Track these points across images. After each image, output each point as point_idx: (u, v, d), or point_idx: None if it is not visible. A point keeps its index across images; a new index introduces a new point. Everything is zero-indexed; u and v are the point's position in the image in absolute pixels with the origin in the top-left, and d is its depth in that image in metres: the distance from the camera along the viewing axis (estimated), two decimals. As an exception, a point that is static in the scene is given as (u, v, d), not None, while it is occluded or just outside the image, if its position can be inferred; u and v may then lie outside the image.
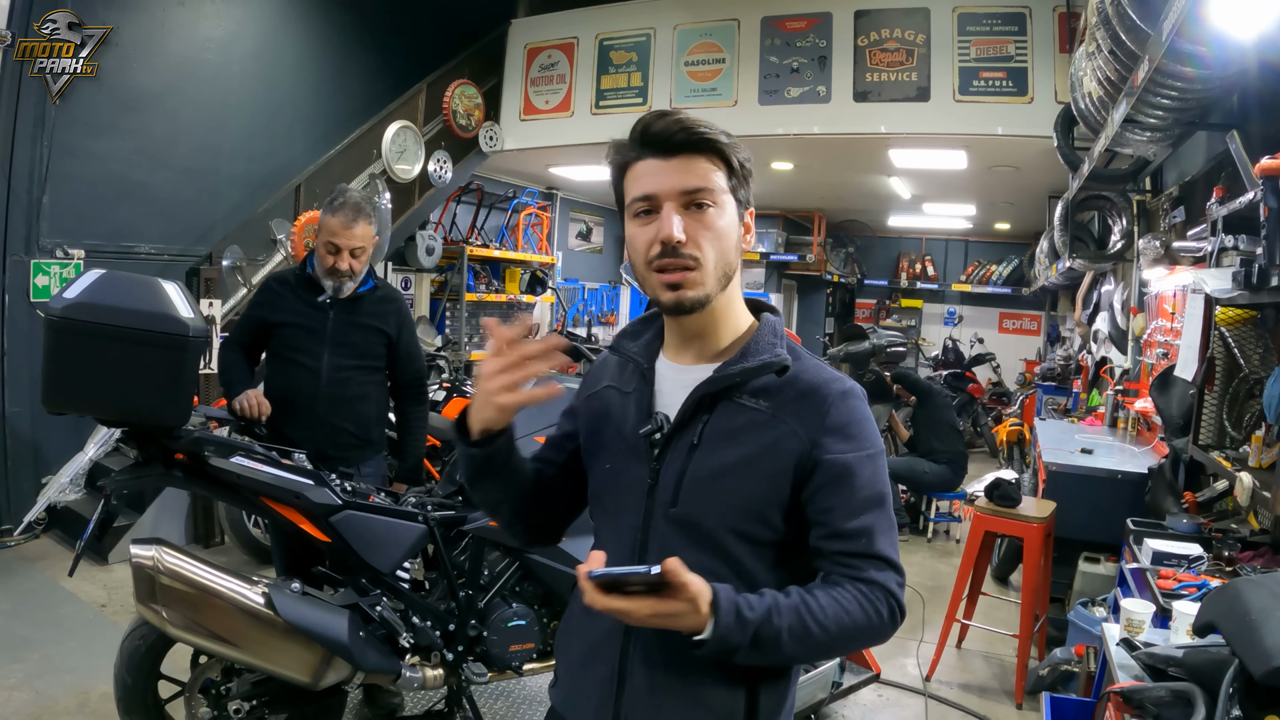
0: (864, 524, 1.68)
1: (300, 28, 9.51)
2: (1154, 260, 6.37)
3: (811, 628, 1.58)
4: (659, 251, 1.68)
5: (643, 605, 1.49)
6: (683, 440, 1.75)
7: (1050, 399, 11.16)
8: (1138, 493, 5.45)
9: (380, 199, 8.41)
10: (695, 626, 1.52)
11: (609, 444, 1.88)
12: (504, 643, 3.77)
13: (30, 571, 6.44)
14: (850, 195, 13.18)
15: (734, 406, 1.73)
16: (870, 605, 1.64)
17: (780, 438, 1.70)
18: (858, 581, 1.66)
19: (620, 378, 1.93)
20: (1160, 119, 4.69)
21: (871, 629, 1.65)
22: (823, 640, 1.61)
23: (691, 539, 1.72)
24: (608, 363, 2.01)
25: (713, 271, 1.70)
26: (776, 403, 1.72)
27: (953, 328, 17.05)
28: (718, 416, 1.74)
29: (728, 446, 1.71)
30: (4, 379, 7.11)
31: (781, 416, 1.71)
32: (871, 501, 1.70)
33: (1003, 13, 7.83)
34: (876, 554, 1.68)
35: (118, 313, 3.07)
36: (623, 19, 9.65)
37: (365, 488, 3.88)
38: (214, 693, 3.56)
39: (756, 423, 1.71)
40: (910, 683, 5.44)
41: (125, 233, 7.89)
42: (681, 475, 1.74)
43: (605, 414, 1.91)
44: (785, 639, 1.57)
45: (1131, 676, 2.97)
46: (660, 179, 1.68)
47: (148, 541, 3.28)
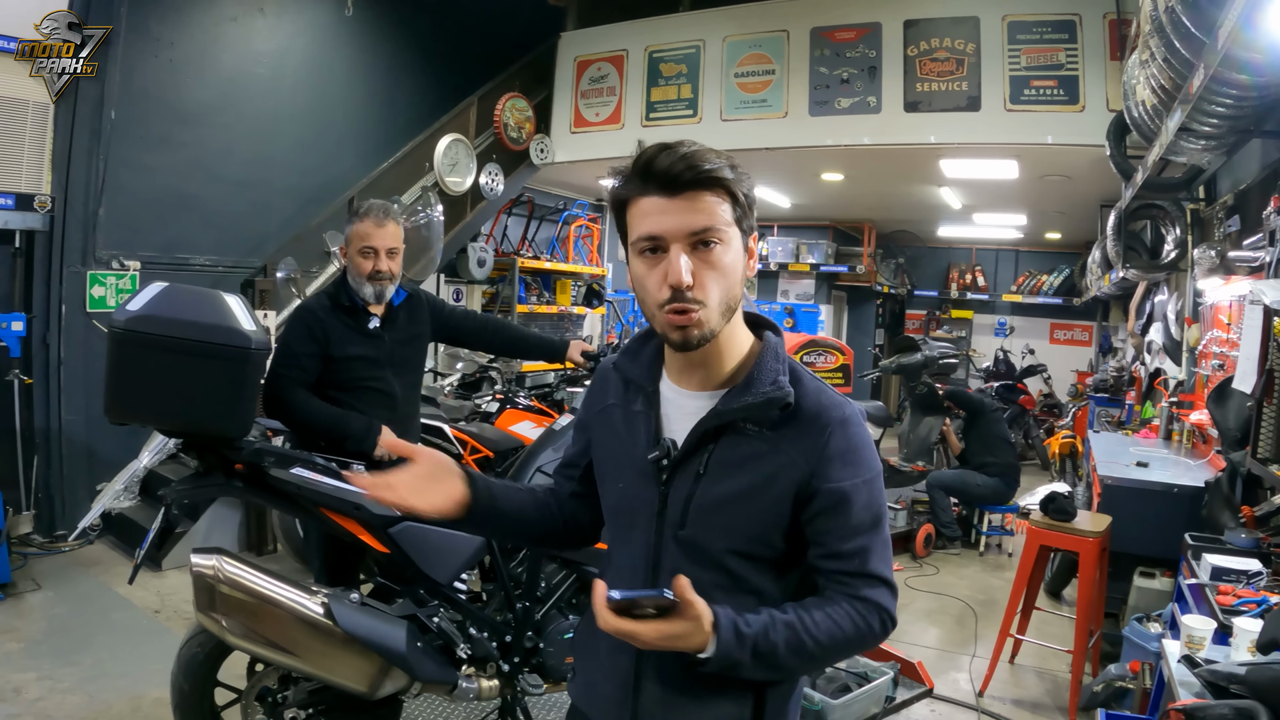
0: (859, 545, 1.78)
1: (351, 42, 9.61)
2: (1209, 270, 6.28)
3: (806, 642, 1.70)
4: (669, 296, 1.69)
5: (650, 628, 1.58)
6: (689, 468, 1.82)
7: (1103, 411, 11.02)
8: (1194, 507, 5.36)
9: (432, 211, 8.44)
10: (699, 646, 1.62)
11: (620, 465, 1.94)
12: (560, 654, 3.76)
13: (84, 577, 6.53)
14: (900, 206, 13.10)
15: (737, 436, 1.79)
16: (862, 619, 1.76)
17: (781, 467, 1.76)
18: (852, 599, 1.77)
19: (624, 395, 1.97)
20: (1215, 127, 4.62)
21: (861, 640, 1.79)
22: (816, 653, 1.73)
23: (698, 559, 1.80)
24: (609, 378, 2.05)
25: (717, 309, 1.72)
26: (779, 433, 1.78)
27: (1004, 339, 16.86)
28: (722, 447, 1.80)
29: (731, 476, 1.78)
30: (60, 388, 7.22)
31: (783, 446, 1.77)
32: (867, 524, 1.79)
33: (1053, 20, 7.77)
34: (870, 573, 1.79)
35: (181, 325, 3.08)
36: (672, 31, 9.67)
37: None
38: (270, 700, 3.58)
39: (759, 453, 1.77)
40: (963, 698, 5.39)
41: (180, 244, 8.00)
42: (688, 501, 1.80)
43: (614, 434, 1.97)
44: (782, 652, 1.68)
45: (1193, 694, 2.93)
46: (667, 219, 1.68)
47: (208, 551, 3.29)
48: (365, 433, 4.04)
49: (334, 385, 4.11)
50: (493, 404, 7.61)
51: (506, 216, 11.58)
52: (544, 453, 4.01)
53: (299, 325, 4.12)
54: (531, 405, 7.53)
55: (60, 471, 7.31)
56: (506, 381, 8.41)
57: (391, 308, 4.24)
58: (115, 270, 7.47)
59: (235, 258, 8.44)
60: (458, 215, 9.53)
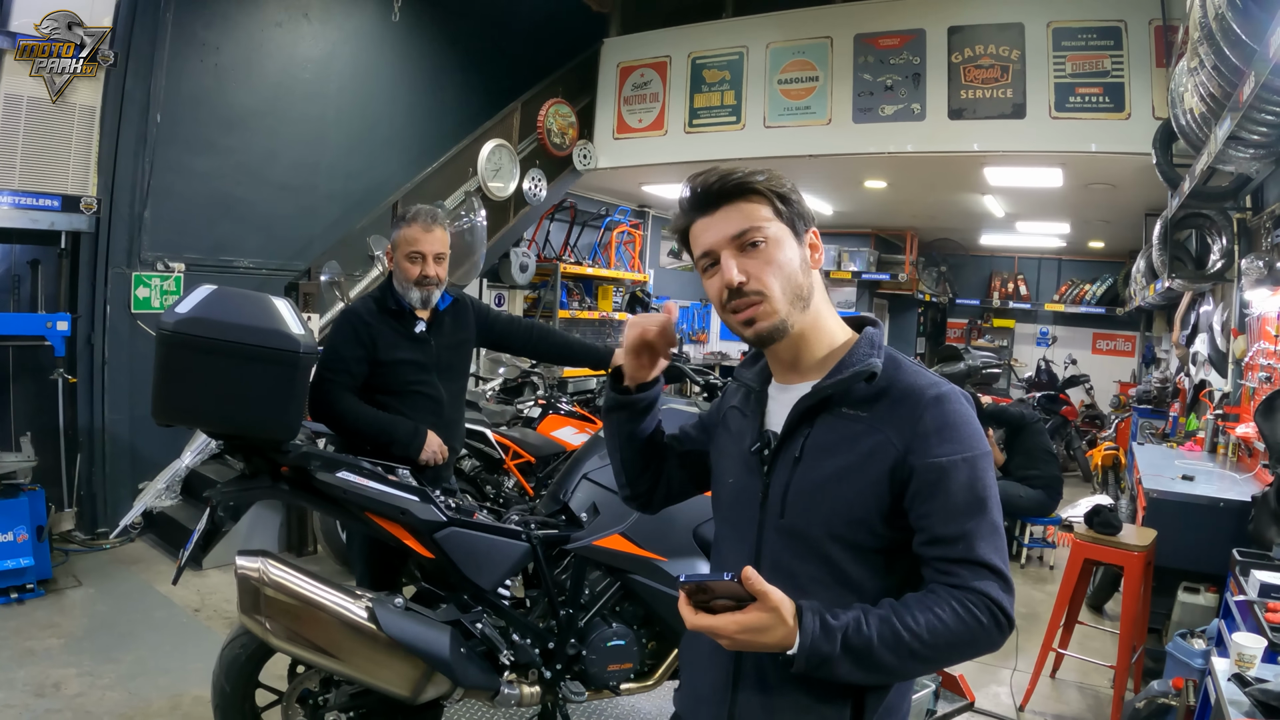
0: (962, 528, 1.70)
1: (395, 48, 9.68)
2: (1256, 280, 6.20)
3: (904, 636, 1.61)
4: (728, 296, 1.80)
5: (729, 620, 1.58)
6: (787, 454, 1.84)
7: (1146, 423, 10.89)
8: (1240, 522, 5.28)
9: (476, 216, 8.47)
10: (784, 640, 1.59)
11: (732, 461, 2.00)
12: (603, 662, 3.75)
13: (126, 575, 6.59)
14: (943, 214, 13.03)
15: (834, 418, 1.80)
16: (967, 613, 1.65)
17: (876, 446, 1.74)
18: (955, 589, 1.67)
19: (742, 401, 2.04)
20: (1264, 135, 4.55)
21: (972, 637, 1.65)
22: (919, 649, 1.62)
23: (799, 550, 1.80)
24: (732, 389, 2.14)
25: (781, 298, 1.80)
26: (874, 412, 1.77)
27: (1046, 348, 16.73)
28: (819, 430, 1.81)
29: (827, 458, 1.78)
30: (104, 387, 7.30)
31: (878, 425, 1.75)
32: (970, 505, 1.71)
33: (1098, 27, 7.70)
34: (976, 559, 1.69)
35: (229, 328, 3.09)
36: (715, 37, 9.66)
37: (469, 505, 3.89)
38: (311, 703, 3.60)
39: (855, 433, 1.77)
40: (1004, 711, 5.32)
41: (225, 247, 8.07)
42: (787, 488, 1.82)
43: (729, 434, 2.05)
44: (878, 647, 1.60)
45: (1243, 713, 2.89)
46: (712, 233, 1.82)
47: (253, 553, 3.30)
48: (411, 438, 4.05)
49: (381, 389, 4.11)
50: (535, 409, 7.62)
51: (549, 222, 11.64)
52: (591, 459, 3.99)
53: (346, 329, 4.11)
54: (574, 411, 7.55)
55: (103, 470, 7.39)
56: (549, 387, 8.43)
57: (437, 312, 4.25)
58: (160, 272, 7.55)
59: (280, 261, 8.51)
60: (501, 220, 9.55)
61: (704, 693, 1.96)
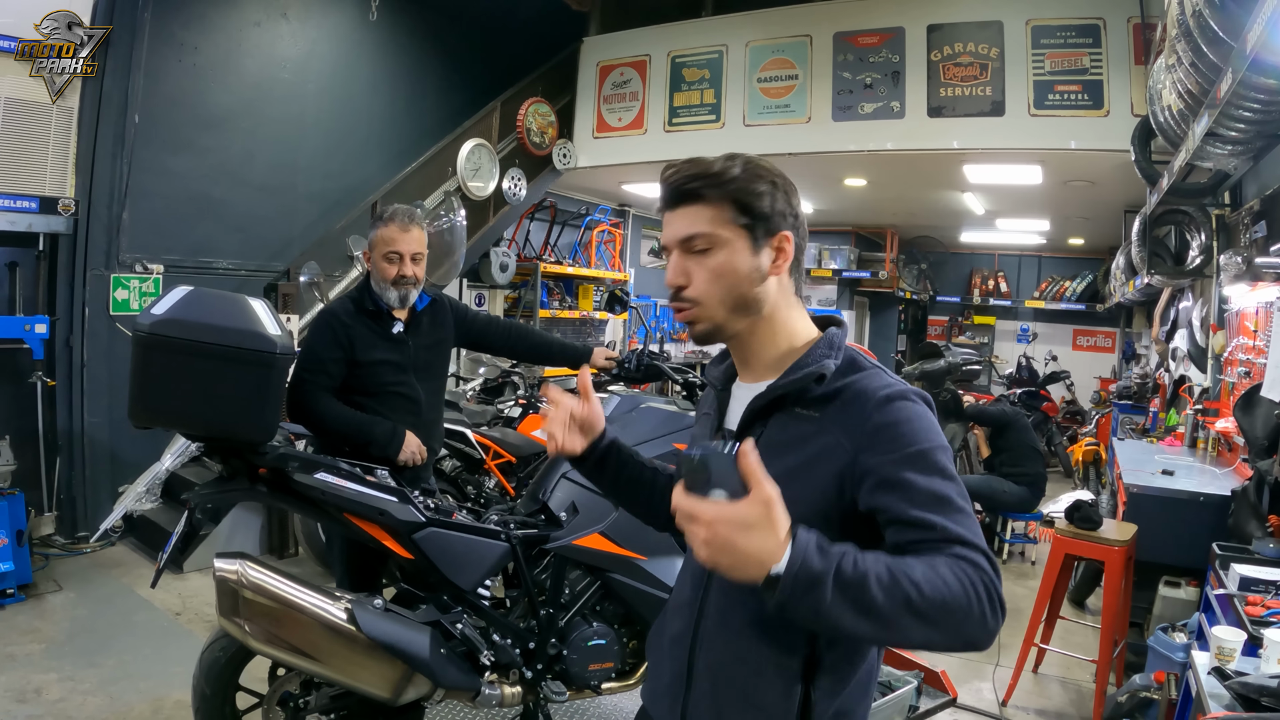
0: (931, 518, 1.56)
1: (373, 48, 9.65)
2: (1235, 276, 6.23)
3: (901, 581, 1.43)
4: (671, 294, 1.87)
5: (712, 507, 1.44)
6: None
7: (1127, 418, 10.92)
8: (1219, 516, 5.31)
9: (455, 216, 8.45)
10: (768, 552, 1.42)
11: None
12: (583, 661, 3.75)
13: (107, 579, 6.55)
14: (923, 211, 13.07)
15: (787, 417, 1.80)
16: (966, 578, 1.46)
17: (825, 447, 1.72)
18: (949, 557, 1.51)
19: (709, 402, 2.10)
20: (1242, 132, 4.58)
21: (967, 605, 1.45)
22: (914, 599, 1.42)
23: None
24: (707, 391, 2.17)
25: (718, 307, 1.82)
26: (825, 413, 1.75)
27: (1026, 345, 16.80)
28: (771, 429, 1.81)
29: (778, 457, 1.70)
30: (84, 390, 7.25)
31: (828, 426, 1.74)
32: (935, 497, 1.59)
33: (1077, 25, 7.74)
34: (956, 537, 1.54)
35: (206, 329, 3.08)
36: (695, 36, 9.67)
37: (448, 505, 3.88)
38: (292, 705, 3.58)
39: (805, 434, 1.76)
40: (986, 707, 5.35)
41: (203, 248, 8.03)
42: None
43: (696, 437, 2.11)
44: (873, 584, 1.42)
45: (1223, 706, 2.90)
46: (669, 231, 1.86)
47: (231, 556, 3.29)
48: (389, 438, 4.05)
49: (358, 390, 4.10)
50: (515, 409, 7.61)
51: (529, 221, 11.65)
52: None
53: (324, 329, 4.09)
54: (554, 411, 7.52)
55: (82, 473, 7.33)
56: (529, 387, 8.42)
57: (415, 313, 4.24)
58: (139, 273, 7.50)
59: (259, 262, 8.48)
60: (480, 220, 9.53)
61: (663, 685, 1.96)
